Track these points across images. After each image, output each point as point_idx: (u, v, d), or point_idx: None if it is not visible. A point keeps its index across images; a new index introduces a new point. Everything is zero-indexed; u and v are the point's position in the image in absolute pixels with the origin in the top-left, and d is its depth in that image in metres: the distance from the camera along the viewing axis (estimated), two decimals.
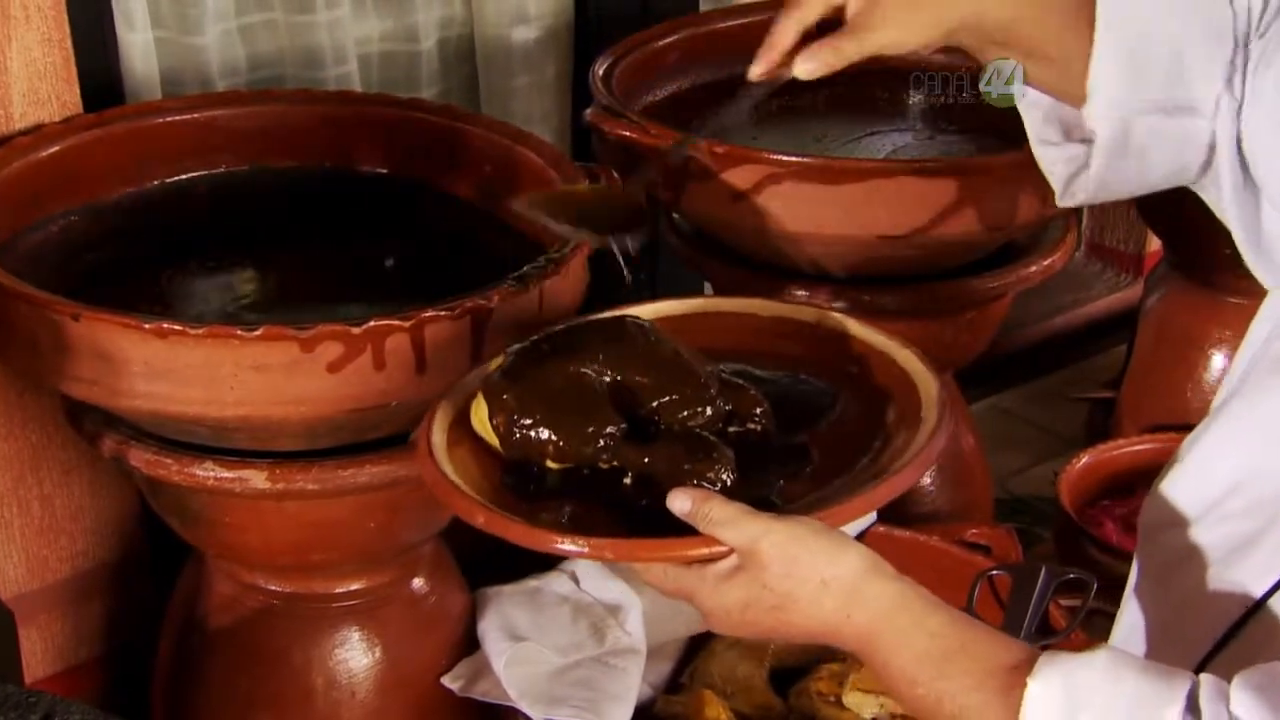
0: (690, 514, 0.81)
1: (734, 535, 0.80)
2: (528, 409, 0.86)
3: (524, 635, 1.13)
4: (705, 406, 0.90)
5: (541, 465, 0.87)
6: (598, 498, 0.85)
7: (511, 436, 0.86)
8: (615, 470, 0.86)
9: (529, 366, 0.88)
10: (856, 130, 1.32)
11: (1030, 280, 1.26)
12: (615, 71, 1.27)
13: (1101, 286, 1.96)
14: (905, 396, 0.95)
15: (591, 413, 0.88)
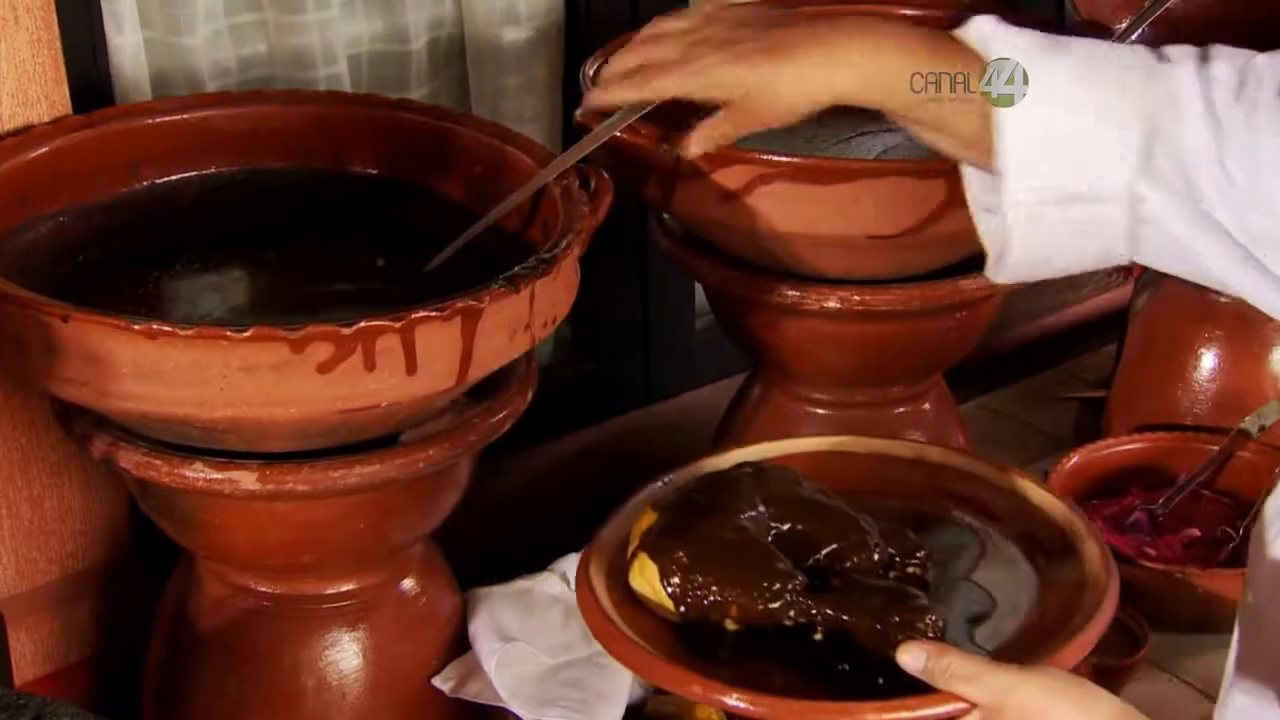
0: (926, 669, 0.77)
1: (978, 691, 0.76)
2: (704, 568, 0.84)
3: (515, 636, 1.13)
4: (872, 552, 0.88)
5: (719, 626, 0.84)
6: (783, 656, 0.83)
7: (688, 598, 0.84)
8: (801, 626, 0.84)
9: (688, 522, 0.87)
10: (847, 130, 1.32)
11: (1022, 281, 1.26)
12: None
13: (1091, 286, 1.96)
14: (1036, 522, 0.94)
15: (769, 568, 0.85)
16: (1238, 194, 0.85)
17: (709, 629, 0.84)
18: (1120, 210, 0.90)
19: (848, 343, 1.29)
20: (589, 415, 1.62)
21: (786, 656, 0.83)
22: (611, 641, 0.84)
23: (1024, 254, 0.94)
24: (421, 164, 1.16)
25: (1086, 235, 0.94)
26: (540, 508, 1.52)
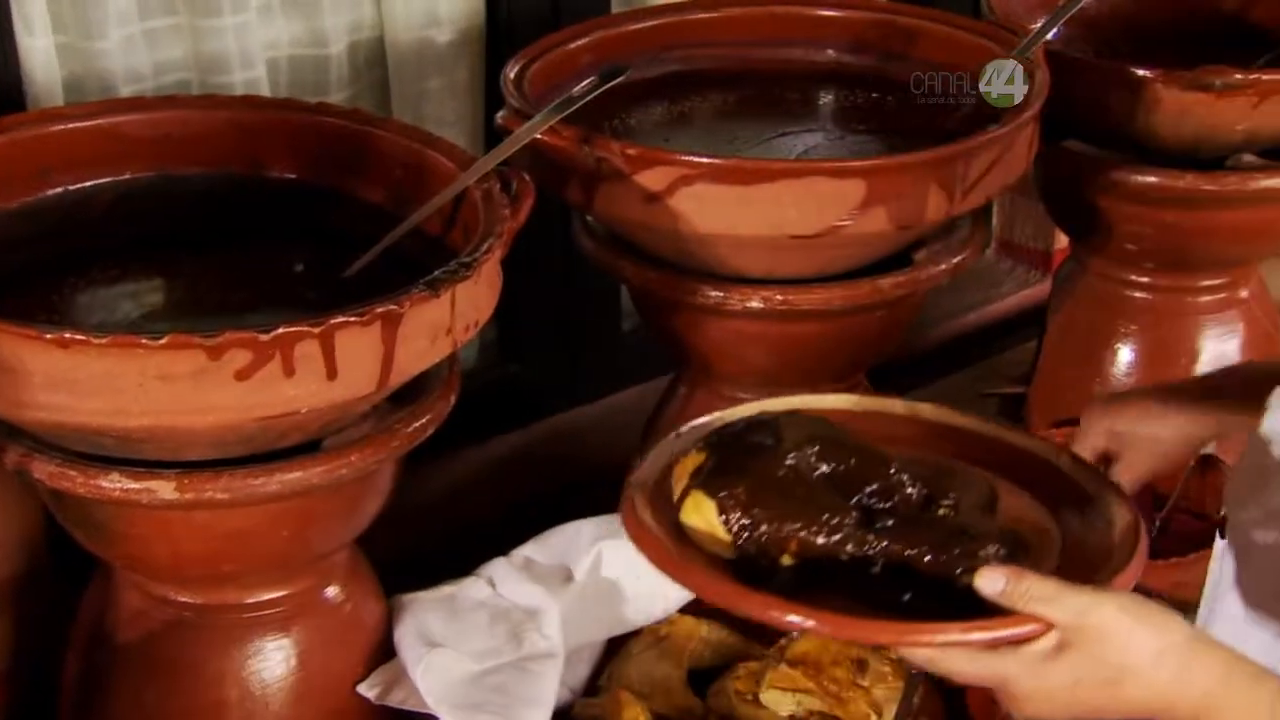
0: (1004, 593, 0.79)
1: (1059, 611, 0.78)
2: (763, 503, 0.85)
3: (440, 641, 1.12)
4: (909, 492, 0.89)
5: (775, 561, 0.85)
6: (841, 589, 0.83)
7: (747, 534, 0.85)
8: (857, 560, 0.85)
9: (739, 461, 0.87)
10: (768, 131, 1.33)
11: (940, 278, 1.27)
12: (527, 74, 1.26)
13: (1011, 284, 1.98)
14: (1055, 478, 0.96)
15: (827, 503, 0.87)
16: None
17: (764, 564, 0.85)
18: None
19: (771, 342, 1.30)
20: (515, 418, 1.61)
21: (844, 589, 0.84)
22: (674, 567, 0.84)
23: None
24: (341, 168, 1.15)
25: None
26: (466, 512, 1.52)
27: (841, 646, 1.19)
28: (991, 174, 1.19)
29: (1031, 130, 1.23)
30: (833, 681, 1.18)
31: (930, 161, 1.16)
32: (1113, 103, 1.36)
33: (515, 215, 1.05)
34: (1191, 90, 1.32)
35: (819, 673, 1.18)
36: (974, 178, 1.18)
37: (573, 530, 1.26)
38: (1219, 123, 1.35)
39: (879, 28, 1.40)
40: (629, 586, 1.23)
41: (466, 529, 1.46)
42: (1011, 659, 0.78)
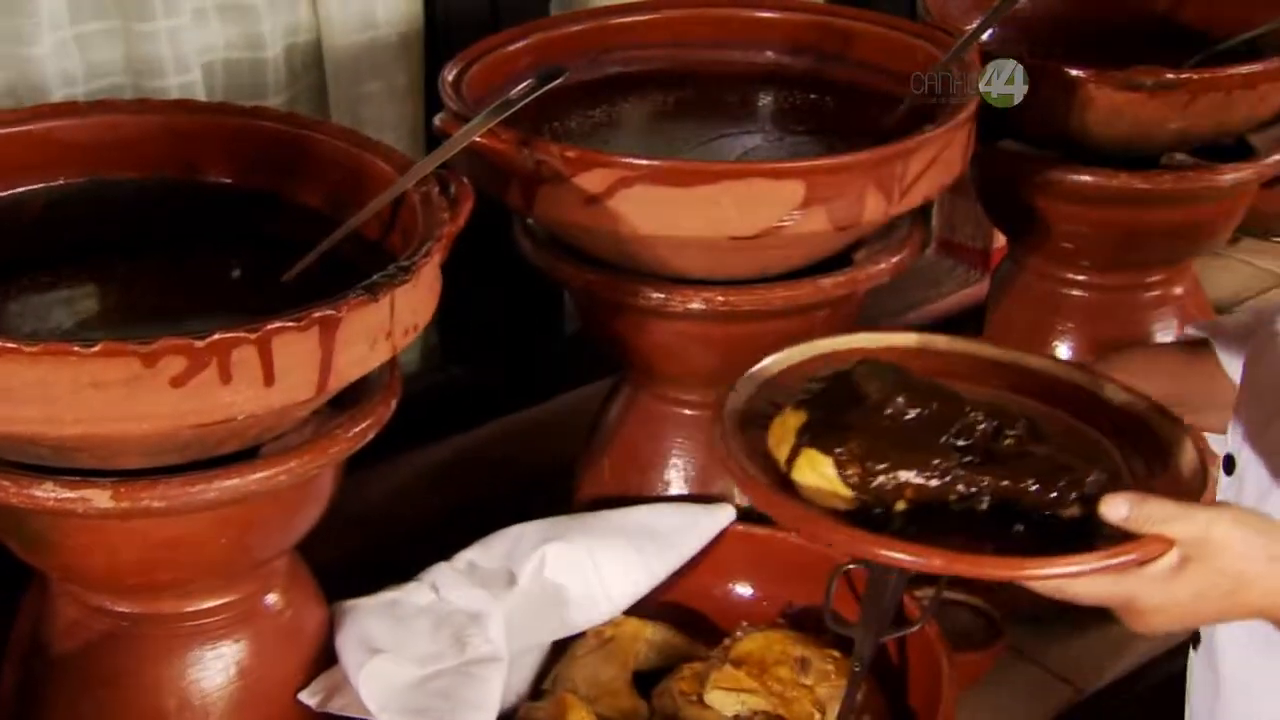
0: (1129, 517, 0.84)
1: (1182, 529, 0.83)
2: (879, 455, 0.89)
3: (382, 647, 1.12)
4: (981, 424, 0.94)
5: (890, 509, 0.90)
6: (954, 528, 0.88)
7: (869, 484, 0.89)
8: (966, 499, 0.89)
9: (842, 416, 0.92)
10: (707, 133, 1.34)
11: (880, 277, 1.28)
12: (465, 77, 1.26)
13: (952, 282, 2.00)
14: (1087, 403, 1.01)
15: (934, 446, 0.91)
16: None
17: (880, 513, 0.90)
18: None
19: (713, 343, 1.30)
20: (458, 422, 1.61)
21: (954, 528, 0.88)
22: (793, 515, 0.89)
23: None
24: (278, 172, 1.14)
25: None
26: (409, 516, 1.51)
27: (785, 646, 1.20)
28: (929, 174, 1.20)
29: (968, 131, 1.24)
30: (777, 681, 1.18)
31: (868, 162, 1.17)
32: (1047, 103, 1.37)
33: (454, 219, 1.04)
34: (1124, 90, 1.34)
35: (763, 672, 1.19)
36: (912, 178, 1.19)
37: (516, 533, 1.26)
38: (1152, 122, 1.36)
39: (816, 29, 1.40)
40: (573, 589, 1.23)
41: (410, 533, 1.46)
42: (1135, 579, 0.84)
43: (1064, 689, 1.33)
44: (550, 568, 1.22)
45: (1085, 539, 0.87)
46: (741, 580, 1.31)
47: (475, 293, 1.58)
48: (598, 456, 1.40)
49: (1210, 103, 1.34)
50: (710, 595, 1.31)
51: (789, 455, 0.92)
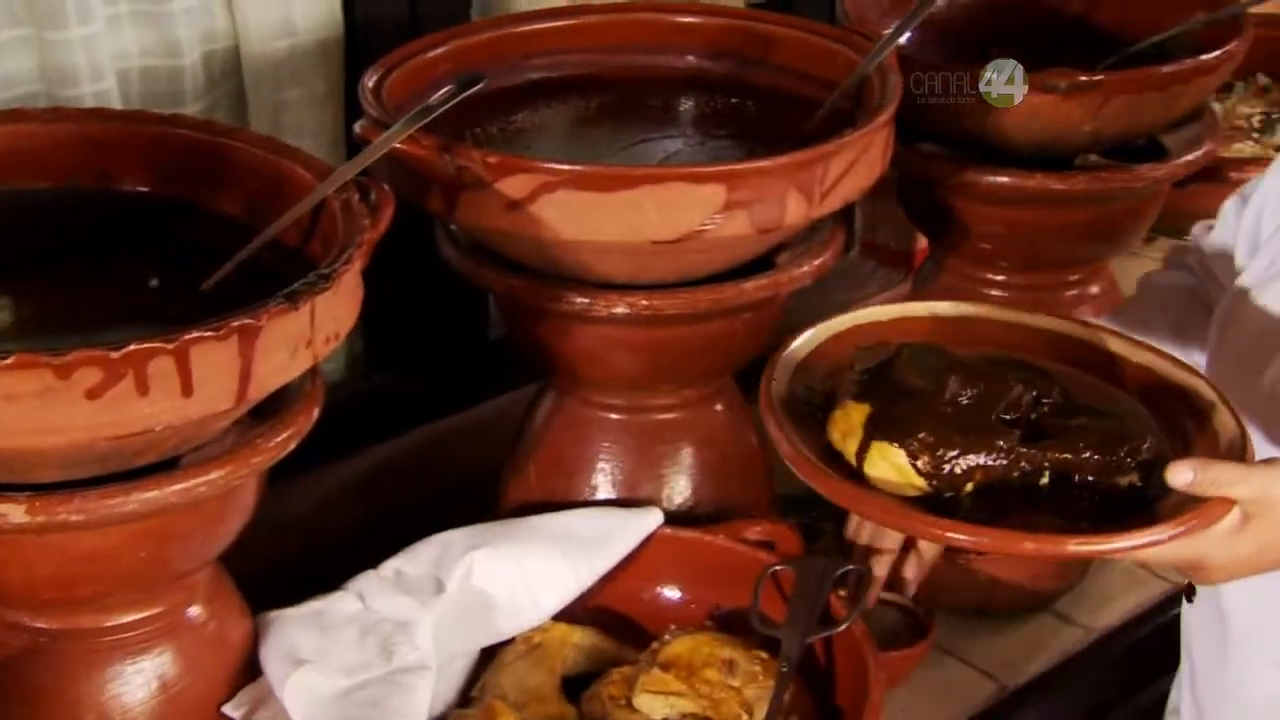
0: (1195, 483, 0.89)
1: (1245, 489, 0.89)
2: (948, 442, 0.93)
3: (307, 658, 1.11)
4: (1024, 396, 0.98)
5: (959, 492, 0.93)
6: (1015, 505, 0.92)
7: (940, 471, 0.93)
8: (1026, 475, 0.93)
9: (904, 406, 0.95)
10: (629, 138, 1.34)
11: (802, 280, 1.29)
12: (386, 83, 1.25)
13: (875, 284, 2.02)
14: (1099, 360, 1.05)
15: (995, 428, 0.95)
16: None
17: (950, 497, 0.93)
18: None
19: (638, 347, 1.30)
20: (384, 429, 1.60)
21: (1020, 503, 0.93)
22: (879, 508, 0.93)
23: None
24: (195, 180, 1.13)
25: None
26: (336, 526, 1.50)
27: (712, 648, 1.21)
28: (849, 177, 1.21)
29: (886, 134, 1.26)
30: (704, 683, 1.18)
31: (789, 166, 1.17)
32: (964, 105, 1.39)
33: (375, 225, 1.04)
34: (1038, 92, 1.35)
35: (691, 675, 1.19)
36: (832, 181, 1.20)
37: (443, 541, 1.25)
38: (1066, 124, 1.38)
39: (736, 34, 1.41)
40: (501, 596, 1.23)
41: (336, 543, 1.45)
42: (1202, 540, 0.89)
43: (988, 684, 1.35)
44: (478, 575, 1.22)
45: (1144, 503, 0.92)
46: (669, 583, 1.31)
47: (399, 299, 1.57)
48: (524, 462, 1.40)
49: (1123, 104, 1.37)
50: (638, 599, 1.31)
51: (859, 449, 0.95)
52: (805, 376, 1.06)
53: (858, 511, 0.97)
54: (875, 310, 1.12)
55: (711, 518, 1.36)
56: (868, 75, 1.28)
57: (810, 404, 1.03)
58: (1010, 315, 1.11)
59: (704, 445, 1.38)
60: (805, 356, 1.08)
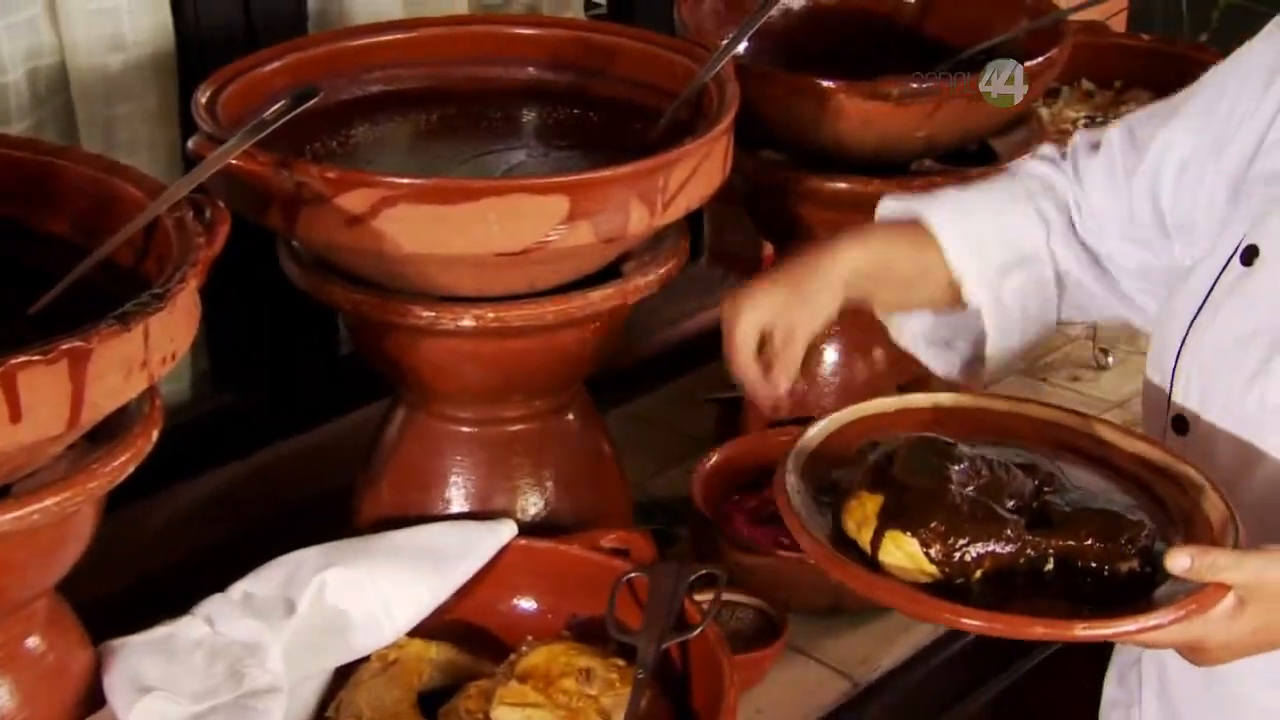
0: (1193, 569, 0.93)
1: (1240, 575, 0.93)
2: (959, 531, 0.98)
3: (154, 685, 1.08)
4: (1025, 485, 1.04)
5: (969, 579, 0.98)
6: (1026, 592, 0.97)
7: (951, 560, 0.97)
8: (1033, 562, 0.98)
9: (915, 497, 0.99)
10: (471, 150, 1.34)
11: (649, 288, 1.30)
12: (220, 98, 1.23)
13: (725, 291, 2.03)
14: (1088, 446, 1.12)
15: (1002, 517, 1.00)
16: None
17: (961, 584, 0.98)
18: (1048, 267, 1.22)
19: (487, 360, 1.30)
20: (232, 449, 1.57)
21: (1026, 588, 0.98)
22: (917, 605, 0.97)
23: (995, 341, 1.21)
24: (22, 201, 1.10)
25: (1029, 296, 1.23)
26: (184, 549, 1.47)
27: (569, 658, 1.21)
28: (690, 186, 1.22)
29: (726, 142, 1.27)
30: (562, 693, 1.18)
31: (630, 175, 1.18)
32: (802, 113, 1.42)
33: (211, 243, 1.02)
34: (872, 100, 1.39)
35: (548, 685, 1.19)
36: (674, 190, 1.21)
37: (295, 560, 1.23)
38: (900, 130, 1.42)
39: (576, 45, 1.42)
40: (355, 613, 1.22)
41: (184, 566, 1.42)
42: (1200, 624, 0.93)
43: (841, 682, 1.37)
44: (330, 593, 1.21)
45: (1144, 586, 0.97)
46: (525, 595, 1.31)
47: (245, 317, 1.55)
48: (376, 478, 1.39)
49: (953, 110, 1.40)
50: (494, 611, 1.31)
51: (873, 538, 1.00)
52: (815, 466, 1.10)
53: (874, 598, 1.01)
54: (879, 402, 1.17)
55: (567, 527, 1.36)
56: (706, 85, 1.29)
57: (821, 493, 1.08)
58: (1009, 405, 1.17)
59: (557, 455, 1.38)
60: (816, 448, 1.12)
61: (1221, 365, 1.10)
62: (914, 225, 1.24)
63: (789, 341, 1.21)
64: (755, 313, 1.22)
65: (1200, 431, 1.12)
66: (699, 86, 1.29)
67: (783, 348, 1.20)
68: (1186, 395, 1.14)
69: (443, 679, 1.25)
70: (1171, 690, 1.20)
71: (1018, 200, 1.24)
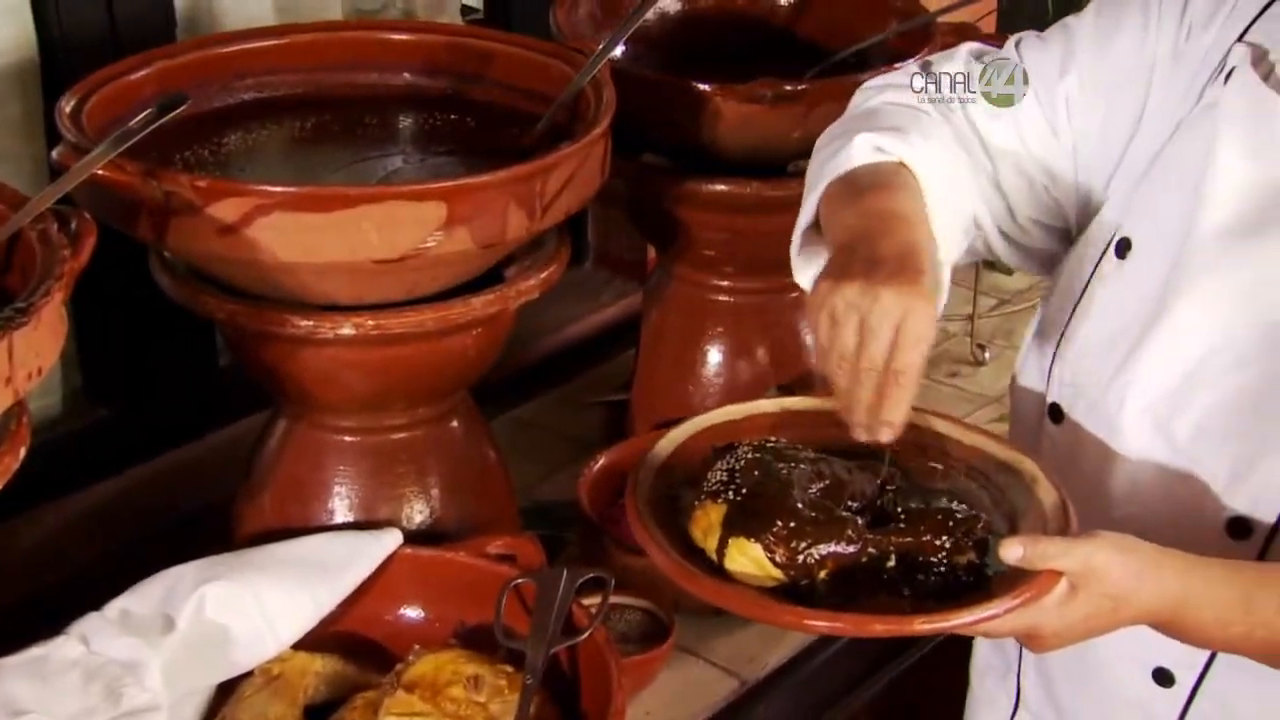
0: (1025, 557, 0.94)
1: (1070, 562, 0.94)
2: (801, 535, 0.99)
3: (27, 708, 1.06)
4: (865, 485, 1.05)
5: (814, 580, 0.99)
6: (869, 590, 0.98)
7: (795, 563, 0.98)
8: (873, 559, 1.00)
9: (758, 503, 1.00)
10: (347, 157, 1.33)
11: (530, 293, 1.30)
12: (85, 107, 1.21)
13: (610, 294, 2.04)
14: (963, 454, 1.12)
15: (843, 517, 1.01)
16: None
17: (806, 585, 0.99)
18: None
19: (368, 368, 1.29)
20: (109, 465, 1.54)
21: (869, 586, 0.99)
22: (739, 601, 0.98)
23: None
24: None
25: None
26: (59, 568, 1.44)
27: (457, 666, 1.20)
28: (569, 190, 1.23)
29: (604, 146, 1.28)
30: (450, 701, 1.18)
31: (507, 180, 1.18)
32: (679, 116, 1.42)
33: (77, 255, 1.00)
34: (748, 102, 1.40)
35: (436, 694, 1.18)
36: (551, 194, 1.21)
37: (174, 576, 1.21)
38: (776, 132, 1.43)
39: (452, 50, 1.41)
40: (237, 628, 1.20)
41: (60, 585, 1.39)
42: (1034, 611, 0.94)
43: (730, 681, 1.38)
44: (211, 608, 1.19)
45: (982, 578, 0.99)
46: (411, 604, 1.31)
47: (119, 330, 1.52)
48: (258, 491, 1.37)
49: (826, 112, 1.40)
50: (381, 621, 1.29)
51: (718, 545, 1.00)
52: (667, 476, 1.10)
53: (722, 605, 1.01)
54: (728, 409, 1.17)
55: (452, 535, 1.35)
56: (583, 89, 1.30)
57: (671, 499, 1.08)
58: (800, 404, 1.18)
59: (442, 463, 1.37)
60: (666, 458, 1.12)
61: (1091, 360, 1.12)
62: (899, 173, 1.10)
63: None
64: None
65: (1070, 424, 1.15)
66: (575, 91, 1.30)
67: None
68: (1060, 385, 1.15)
69: (329, 692, 1.24)
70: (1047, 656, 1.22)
71: (959, 162, 1.15)
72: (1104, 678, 1.13)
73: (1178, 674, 1.11)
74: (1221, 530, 1.05)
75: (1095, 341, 1.12)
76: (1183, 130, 1.09)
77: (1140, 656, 1.02)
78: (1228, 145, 1.04)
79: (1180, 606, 0.97)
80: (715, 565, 1.01)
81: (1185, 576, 0.96)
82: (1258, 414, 1.04)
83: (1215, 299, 1.05)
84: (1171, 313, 1.06)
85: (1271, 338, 1.03)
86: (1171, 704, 1.12)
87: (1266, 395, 1.03)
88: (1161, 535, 1.01)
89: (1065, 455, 1.14)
